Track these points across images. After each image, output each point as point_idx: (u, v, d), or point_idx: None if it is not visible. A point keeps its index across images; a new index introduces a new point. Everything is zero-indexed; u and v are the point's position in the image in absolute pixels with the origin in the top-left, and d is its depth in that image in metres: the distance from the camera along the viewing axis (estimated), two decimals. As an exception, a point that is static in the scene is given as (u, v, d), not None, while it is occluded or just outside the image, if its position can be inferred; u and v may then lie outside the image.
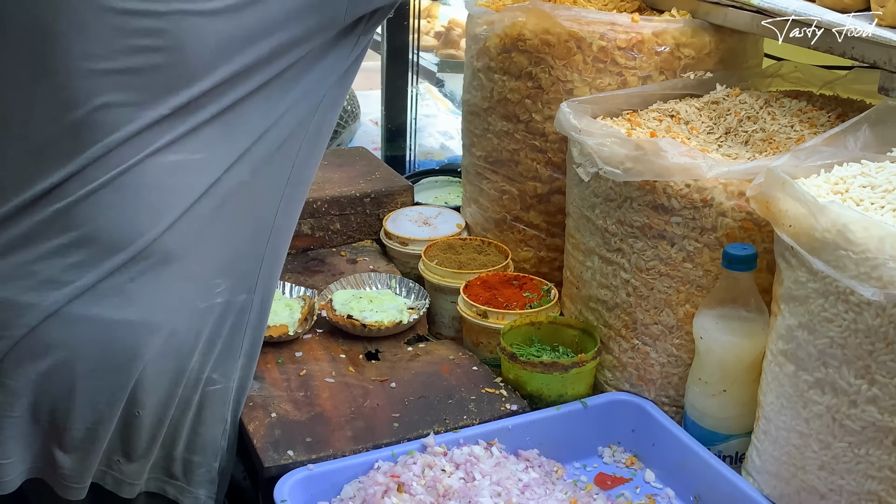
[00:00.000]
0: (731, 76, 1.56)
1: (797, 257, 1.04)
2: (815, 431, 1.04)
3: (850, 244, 0.96)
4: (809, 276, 1.02)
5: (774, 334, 1.11)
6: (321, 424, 1.24)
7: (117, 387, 1.07)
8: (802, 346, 1.04)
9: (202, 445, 1.16)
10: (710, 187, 1.21)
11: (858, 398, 0.99)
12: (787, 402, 1.08)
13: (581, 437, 1.32)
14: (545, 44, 1.52)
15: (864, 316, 0.97)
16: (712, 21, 1.52)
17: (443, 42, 2.52)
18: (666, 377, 1.32)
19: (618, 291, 1.32)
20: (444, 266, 1.57)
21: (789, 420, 1.07)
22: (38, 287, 1.05)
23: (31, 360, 1.06)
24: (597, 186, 1.32)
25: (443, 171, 2.13)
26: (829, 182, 1.12)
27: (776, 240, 1.10)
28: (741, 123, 1.45)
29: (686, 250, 1.24)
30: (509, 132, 1.60)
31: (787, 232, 1.04)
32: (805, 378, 1.04)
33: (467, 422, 1.26)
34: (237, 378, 1.18)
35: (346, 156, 2.00)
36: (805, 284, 1.03)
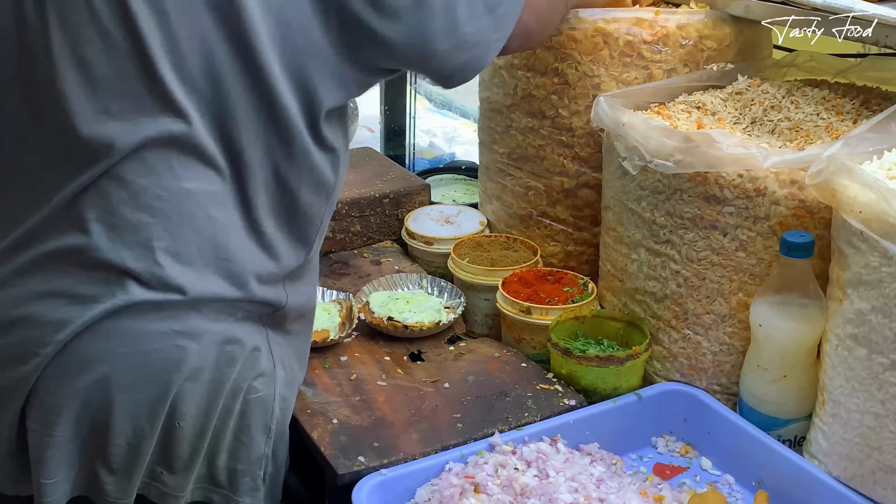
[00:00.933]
0: (751, 67, 1.57)
1: (868, 242, 1.05)
2: (891, 412, 1.06)
3: (929, 228, 0.98)
4: (883, 260, 1.04)
5: (841, 319, 1.12)
6: (385, 428, 1.22)
7: (157, 400, 1.04)
8: (877, 329, 1.05)
9: (246, 454, 1.13)
10: (763, 176, 1.21)
11: (940, 378, 1.01)
12: (860, 384, 1.09)
13: (635, 428, 1.32)
14: (571, 39, 1.51)
15: (946, 298, 0.98)
16: (732, 12, 1.53)
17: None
18: (718, 366, 1.32)
19: (667, 283, 1.33)
20: (475, 264, 1.55)
21: (862, 402, 1.09)
22: (73, 303, 1.02)
23: (68, 377, 1.03)
24: (643, 179, 1.32)
25: (447, 170, 2.11)
26: (882, 168, 1.13)
27: (841, 226, 1.11)
28: (766, 113, 1.46)
29: (739, 239, 1.25)
30: (534, 128, 1.60)
31: (858, 218, 1.05)
32: (880, 361, 1.06)
33: (529, 419, 1.25)
34: (279, 385, 1.15)
35: (356, 157, 1.96)
36: (878, 269, 1.04)
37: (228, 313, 1.08)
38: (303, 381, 1.29)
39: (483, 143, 1.75)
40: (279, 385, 1.14)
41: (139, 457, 1.06)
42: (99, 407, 1.04)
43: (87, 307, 1.02)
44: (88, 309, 1.02)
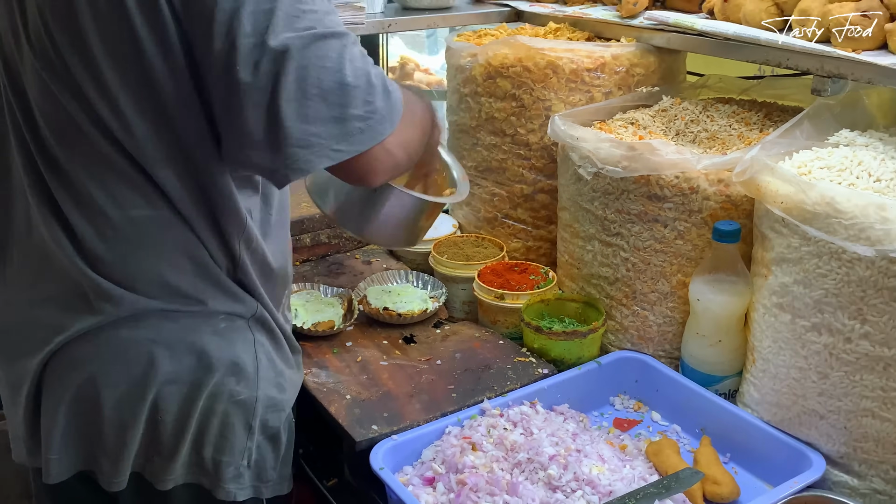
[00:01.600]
0: (672, 88, 1.58)
1: (789, 227, 1.06)
2: (813, 366, 1.06)
3: (840, 213, 0.99)
4: (802, 241, 1.04)
5: (767, 291, 1.12)
6: (391, 401, 1.20)
7: (137, 397, 0.98)
8: (798, 298, 1.06)
9: (229, 448, 1.04)
10: (696, 177, 1.22)
11: (853, 335, 1.01)
12: (785, 344, 1.10)
13: (597, 390, 1.31)
14: (526, 70, 1.50)
15: (856, 269, 0.99)
16: (655, 44, 1.54)
17: (399, 75, 2.47)
18: (662, 335, 1.32)
19: (618, 268, 1.32)
20: (453, 259, 1.53)
21: (788, 359, 1.09)
22: (68, 310, 0.98)
23: (67, 372, 0.99)
24: (595, 183, 1.31)
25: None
26: (794, 166, 1.14)
27: (764, 214, 1.12)
28: (687, 126, 1.47)
29: (677, 230, 1.25)
30: (497, 145, 1.58)
31: (780, 207, 1.06)
32: (802, 324, 1.06)
33: (511, 387, 1.23)
34: (264, 387, 1.04)
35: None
36: (798, 248, 1.05)
37: (207, 323, 1.00)
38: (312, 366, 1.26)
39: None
40: (264, 386, 1.04)
41: (126, 443, 1.00)
42: (89, 399, 0.99)
43: (78, 317, 0.97)
44: (79, 319, 0.97)
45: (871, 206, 0.97)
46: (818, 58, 1.23)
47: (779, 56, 1.30)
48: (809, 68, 1.26)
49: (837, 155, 1.14)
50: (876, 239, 0.96)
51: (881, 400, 1.02)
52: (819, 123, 1.26)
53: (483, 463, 1.08)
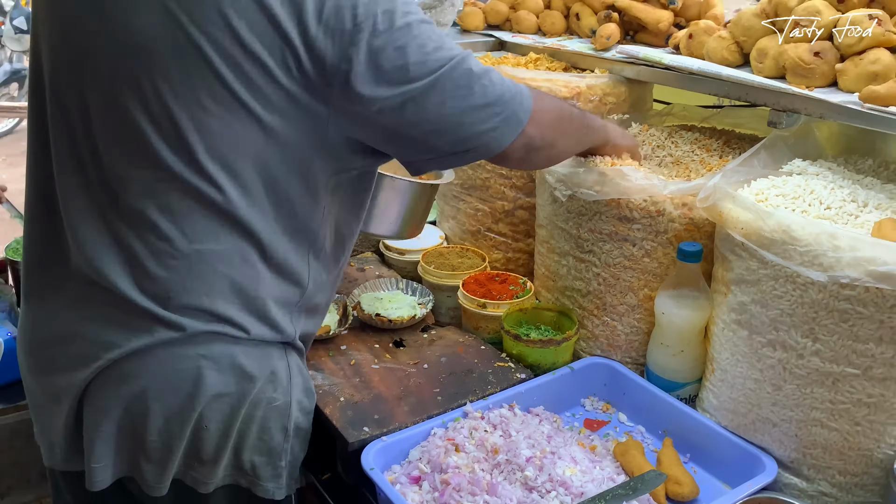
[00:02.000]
0: (640, 116, 1.55)
1: (748, 251, 1.03)
2: (768, 378, 1.04)
3: (795, 240, 0.96)
4: (760, 265, 1.02)
5: (726, 308, 1.10)
6: (381, 403, 1.16)
7: (184, 409, 0.95)
8: (756, 316, 1.04)
9: (267, 450, 1.02)
10: (662, 201, 1.19)
11: (805, 352, 0.99)
12: (742, 357, 1.07)
13: (569, 392, 1.28)
14: (508, 97, 1.46)
15: (810, 292, 0.96)
16: (626, 76, 1.51)
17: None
18: (629, 343, 1.29)
19: (590, 282, 1.29)
20: (440, 269, 1.50)
21: (745, 371, 1.07)
22: (120, 329, 0.93)
23: (114, 386, 0.95)
24: (570, 205, 1.28)
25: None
26: (752, 194, 1.11)
27: (725, 238, 1.09)
28: (654, 151, 1.44)
29: (644, 248, 1.22)
30: (481, 164, 1.55)
31: (740, 233, 1.03)
32: (758, 340, 1.04)
33: (491, 390, 1.20)
34: (296, 392, 1.03)
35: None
36: (756, 271, 1.02)
37: (249, 342, 0.97)
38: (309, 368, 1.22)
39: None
40: (296, 392, 1.03)
41: (171, 452, 0.97)
42: (138, 412, 0.95)
43: (130, 335, 0.93)
44: (130, 338, 0.93)
45: (824, 234, 0.94)
46: (775, 94, 1.20)
47: (738, 90, 1.27)
48: (767, 102, 1.24)
49: (791, 183, 1.12)
50: (828, 265, 0.93)
51: (829, 411, 0.99)
52: (774, 153, 1.23)
53: (465, 463, 1.04)
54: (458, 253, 1.58)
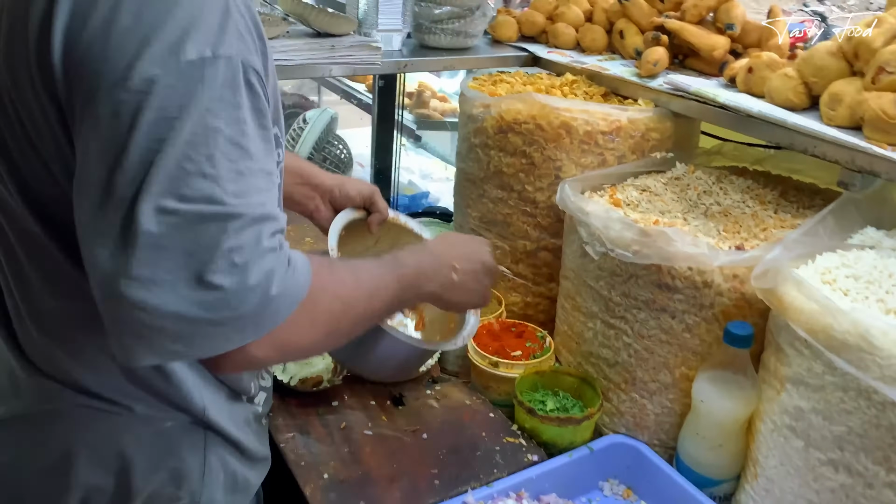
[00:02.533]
0: (685, 154, 1.38)
1: (811, 349, 0.87)
2: (825, 501, 0.88)
3: (875, 349, 0.79)
4: (826, 369, 0.85)
5: (777, 407, 0.94)
6: (370, 485, 1.02)
7: (60, 498, 0.79)
8: (815, 427, 0.87)
9: None
10: (710, 270, 1.02)
11: (876, 482, 0.82)
12: (795, 471, 0.91)
13: (585, 475, 1.13)
14: (539, 128, 1.30)
15: (888, 414, 0.80)
16: (674, 109, 1.33)
17: (415, 102, 2.26)
18: (659, 425, 1.14)
19: (619, 352, 1.13)
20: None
21: (797, 488, 0.91)
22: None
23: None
24: (602, 262, 1.12)
25: (425, 213, 1.89)
26: (817, 272, 0.95)
27: (782, 326, 0.92)
28: (700, 197, 1.27)
29: (686, 323, 1.05)
30: (503, 199, 1.39)
31: (803, 327, 0.87)
32: (817, 456, 0.88)
33: (497, 475, 1.05)
34: (215, 491, 0.85)
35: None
36: (821, 375, 0.86)
37: (144, 425, 0.80)
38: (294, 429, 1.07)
39: (458, 205, 1.54)
40: (214, 492, 0.85)
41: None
42: (6, 486, 0.81)
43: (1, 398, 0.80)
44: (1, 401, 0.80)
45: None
46: (849, 151, 1.03)
47: (805, 142, 1.09)
48: (839, 160, 1.06)
49: (865, 262, 0.95)
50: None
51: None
52: (843, 219, 1.06)
53: (461, 571, 0.90)
54: (471, 294, 1.42)
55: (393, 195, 2.09)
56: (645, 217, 1.14)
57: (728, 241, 1.13)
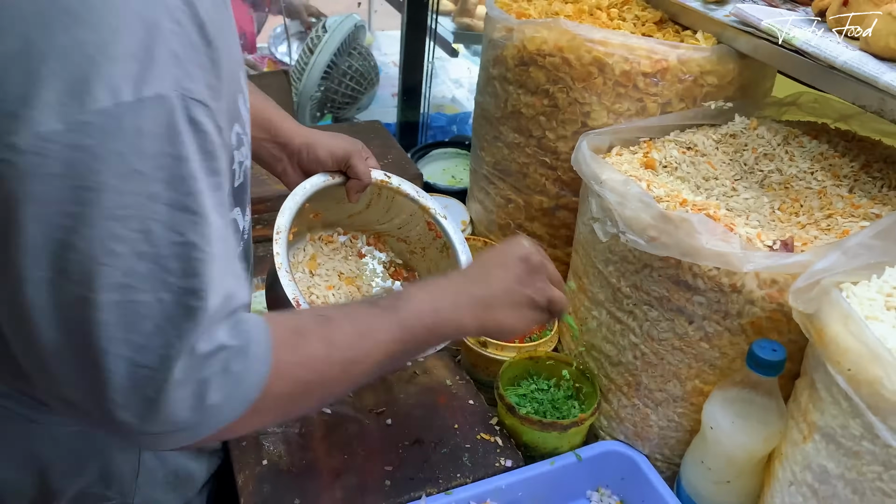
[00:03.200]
0: (749, 105, 1.12)
1: (851, 403, 0.67)
2: (841, 588, 0.70)
3: (935, 424, 0.59)
4: (866, 432, 0.65)
5: (801, 457, 0.75)
6: (312, 479, 0.90)
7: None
8: (841, 499, 0.69)
9: None
10: (742, 273, 0.81)
11: (909, 585, 0.64)
12: (810, 540, 0.73)
13: (572, 484, 0.98)
14: (565, 63, 1.08)
15: (939, 510, 0.61)
16: (739, 48, 1.07)
17: (459, 8, 2.01)
18: (663, 438, 0.97)
19: (624, 352, 0.95)
20: (447, 274, 1.18)
21: (810, 560, 0.73)
22: None
23: None
24: (613, 244, 0.92)
25: (452, 144, 1.69)
26: (882, 292, 0.73)
27: (821, 363, 0.72)
28: (758, 161, 1.04)
29: (705, 330, 0.86)
30: (520, 145, 1.18)
31: (845, 375, 0.66)
32: (840, 532, 0.69)
33: (460, 480, 0.91)
34: (152, 490, 0.78)
35: (361, 132, 1.57)
36: (858, 439, 0.66)
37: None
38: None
39: (473, 145, 1.34)
40: (152, 490, 0.77)
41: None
42: None
43: None
44: None
45: None
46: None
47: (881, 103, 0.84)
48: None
49: (952, 285, 0.72)
50: (981, 481, 0.57)
51: None
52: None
53: None
54: (477, 249, 1.25)
55: (422, 116, 1.89)
56: (673, 190, 0.93)
57: (780, 228, 0.91)
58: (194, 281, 0.51)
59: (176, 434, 0.54)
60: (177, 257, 0.50)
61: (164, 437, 0.54)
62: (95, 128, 0.45)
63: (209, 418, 0.54)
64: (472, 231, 1.34)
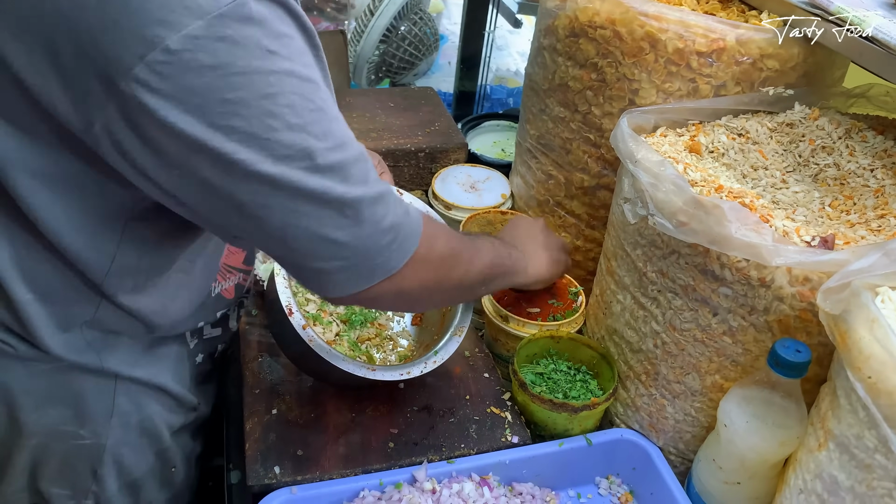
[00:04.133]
0: (812, 94, 1.06)
1: (868, 413, 0.63)
2: None
3: (953, 443, 0.55)
4: (880, 444, 0.61)
5: (813, 465, 0.71)
6: (317, 433, 0.91)
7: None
8: (849, 513, 0.65)
9: (69, 485, 0.80)
10: (772, 267, 0.77)
11: None
12: (813, 552, 0.70)
13: (580, 468, 0.96)
14: (617, 36, 1.04)
15: (948, 535, 0.56)
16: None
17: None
18: (678, 432, 0.93)
19: (645, 339, 0.92)
20: (479, 246, 1.17)
21: (810, 573, 0.70)
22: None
23: None
24: (642, 227, 0.89)
25: (505, 116, 1.67)
26: (920, 300, 0.68)
27: (843, 372, 0.68)
28: (814, 154, 0.98)
29: (729, 324, 0.82)
30: (565, 119, 1.15)
31: (864, 382, 0.62)
32: (843, 547, 0.66)
33: (464, 451, 0.91)
34: (116, 435, 0.79)
35: (413, 97, 1.56)
36: (871, 452, 0.62)
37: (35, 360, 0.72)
38: (263, 354, 0.98)
39: (521, 118, 1.31)
40: (123, 433, 0.79)
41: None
42: None
43: None
44: None
45: None
46: None
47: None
48: None
49: None
50: None
51: None
52: None
53: (381, 558, 0.79)
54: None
55: (480, 87, 1.87)
56: (711, 175, 0.88)
57: (827, 225, 0.86)
58: (331, 139, 0.59)
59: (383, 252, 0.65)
60: (317, 123, 0.57)
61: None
62: (230, 19, 0.51)
63: (400, 243, 0.66)
64: (512, 205, 1.32)
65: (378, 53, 1.76)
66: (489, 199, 1.30)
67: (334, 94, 0.63)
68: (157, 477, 0.86)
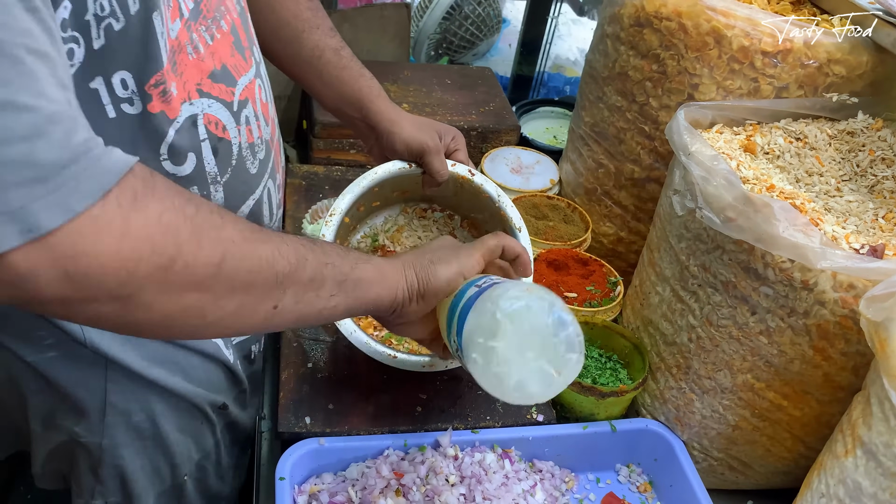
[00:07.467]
0: (877, 103, 1.04)
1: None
2: None
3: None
4: (909, 454, 0.62)
5: (838, 469, 0.71)
6: (348, 390, 0.94)
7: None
8: (869, 519, 0.65)
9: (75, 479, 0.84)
10: (817, 270, 0.77)
11: None
12: (828, 555, 0.70)
13: (602, 453, 0.97)
14: (682, 29, 1.03)
15: (968, 548, 0.57)
16: (878, 40, 0.99)
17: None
18: (704, 428, 0.94)
19: (680, 333, 0.93)
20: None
21: (823, 575, 0.70)
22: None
23: None
24: (689, 220, 0.89)
25: (560, 103, 1.67)
26: (968, 316, 0.67)
27: (879, 379, 0.68)
28: (872, 165, 0.97)
29: (766, 324, 0.82)
30: (621, 109, 1.15)
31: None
32: (859, 552, 0.66)
33: (489, 423, 0.93)
34: (111, 435, 0.81)
35: (470, 76, 1.57)
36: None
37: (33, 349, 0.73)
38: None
39: (577, 104, 1.31)
40: (115, 434, 0.80)
41: None
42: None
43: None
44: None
45: None
46: None
47: None
48: None
49: None
50: None
51: None
52: None
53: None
54: (559, 210, 1.24)
55: (538, 73, 1.87)
56: (764, 175, 0.88)
57: (879, 237, 0.85)
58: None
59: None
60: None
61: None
62: None
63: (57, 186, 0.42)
64: (559, 191, 1.33)
65: (440, 30, 1.77)
66: (536, 183, 1.31)
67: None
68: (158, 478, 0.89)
